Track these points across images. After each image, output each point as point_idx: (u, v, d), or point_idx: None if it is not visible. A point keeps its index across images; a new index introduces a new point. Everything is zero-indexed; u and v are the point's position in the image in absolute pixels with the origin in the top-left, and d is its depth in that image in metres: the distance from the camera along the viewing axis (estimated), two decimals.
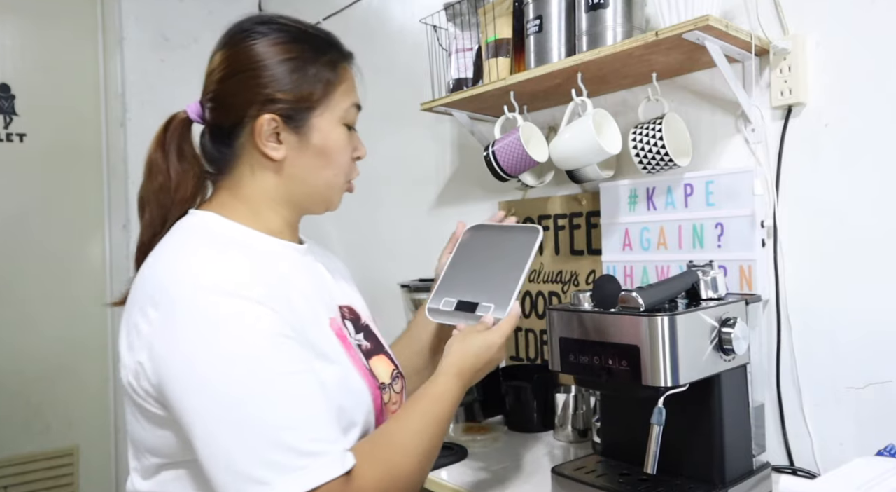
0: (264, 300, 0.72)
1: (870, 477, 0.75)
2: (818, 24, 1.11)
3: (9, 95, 2.39)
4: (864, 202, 1.07)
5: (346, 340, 0.85)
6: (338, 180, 0.88)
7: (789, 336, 1.15)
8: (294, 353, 0.73)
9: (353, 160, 0.90)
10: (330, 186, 0.88)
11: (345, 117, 0.87)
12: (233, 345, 0.69)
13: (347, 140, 0.87)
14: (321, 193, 0.88)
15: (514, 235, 0.92)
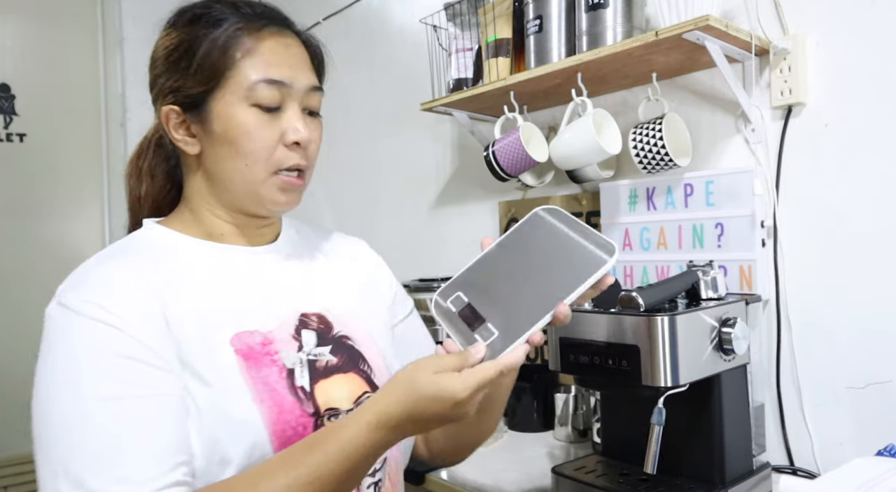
0: (110, 317, 0.65)
1: (870, 477, 0.75)
2: (818, 24, 1.11)
3: (9, 95, 2.39)
4: (863, 202, 1.07)
5: (258, 358, 0.72)
6: (254, 172, 0.73)
7: (789, 336, 1.15)
8: (130, 376, 0.64)
9: (288, 146, 0.74)
10: (246, 179, 0.74)
11: (251, 96, 0.72)
12: (58, 366, 0.64)
13: (260, 123, 0.72)
14: (242, 189, 0.75)
15: (583, 245, 0.67)
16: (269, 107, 0.73)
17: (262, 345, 0.73)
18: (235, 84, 0.72)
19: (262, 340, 0.74)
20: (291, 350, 0.75)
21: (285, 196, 0.76)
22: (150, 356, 0.65)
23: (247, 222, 0.79)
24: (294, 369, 0.74)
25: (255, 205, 0.76)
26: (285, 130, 0.73)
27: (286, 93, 0.73)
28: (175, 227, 0.78)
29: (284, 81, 0.73)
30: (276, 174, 0.74)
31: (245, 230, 0.80)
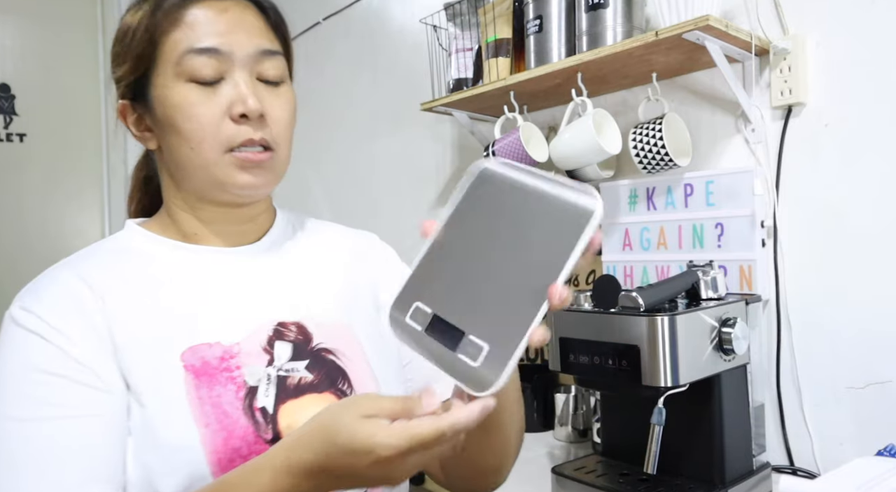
0: (47, 331, 0.60)
1: (870, 477, 0.75)
2: (818, 24, 1.11)
3: (9, 95, 2.39)
4: (863, 202, 1.07)
5: (211, 375, 0.64)
6: (203, 154, 0.65)
7: (789, 336, 1.15)
8: (56, 395, 0.58)
9: (235, 120, 0.65)
10: (197, 164, 0.66)
11: (183, 71, 0.64)
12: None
13: (198, 99, 0.64)
14: (198, 177, 0.67)
15: (556, 199, 0.48)
16: (207, 79, 0.65)
17: (221, 359, 0.65)
18: (165, 62, 0.65)
19: (222, 353, 0.65)
20: (259, 365, 0.66)
21: (247, 176, 0.67)
22: (83, 374, 0.59)
23: (223, 218, 0.72)
24: (258, 387, 0.65)
25: (219, 191, 0.68)
26: (232, 103, 0.65)
27: (225, 61, 0.65)
28: (154, 228, 0.73)
29: (218, 48, 0.65)
30: (230, 153, 0.66)
31: (222, 228, 0.72)
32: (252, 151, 0.66)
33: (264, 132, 0.66)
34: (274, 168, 0.69)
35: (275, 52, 0.69)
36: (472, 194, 0.52)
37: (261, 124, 0.66)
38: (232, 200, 0.70)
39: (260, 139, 0.66)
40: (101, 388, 0.60)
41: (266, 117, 0.67)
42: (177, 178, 0.70)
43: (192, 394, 0.62)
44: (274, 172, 0.70)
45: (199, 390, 0.63)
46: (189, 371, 0.63)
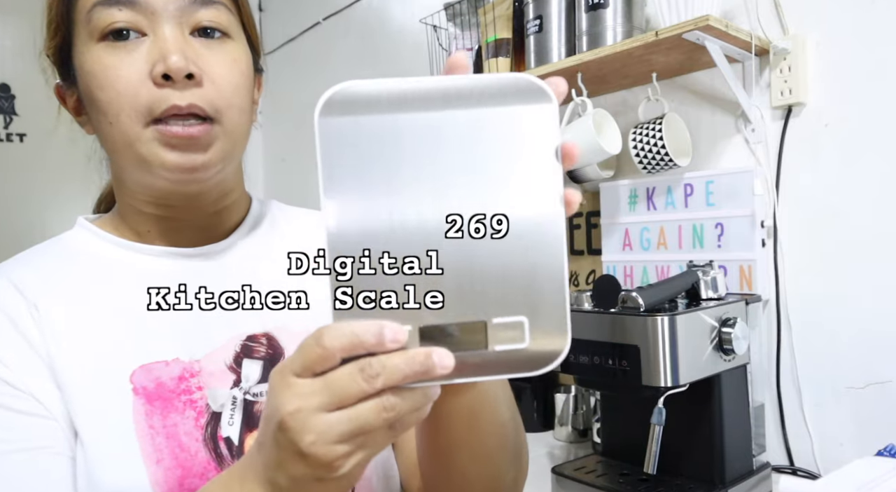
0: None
1: (870, 478, 0.75)
2: (818, 24, 1.11)
3: (9, 95, 2.39)
4: (863, 202, 1.07)
5: (166, 399, 0.54)
6: (122, 128, 0.53)
7: (789, 336, 1.15)
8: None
9: (158, 84, 0.52)
10: (118, 141, 0.54)
11: (93, 29, 0.53)
12: None
13: (111, 61, 0.52)
14: (123, 157, 0.55)
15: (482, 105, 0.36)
16: (120, 37, 0.52)
17: (180, 380, 0.55)
18: (78, 23, 0.54)
19: (180, 372, 0.55)
20: (224, 386, 0.56)
21: (176, 154, 0.53)
22: (21, 401, 0.50)
23: (177, 212, 0.59)
24: (221, 413, 0.55)
25: (148, 175, 0.55)
26: (153, 62, 0.52)
27: (144, 14, 0.52)
28: (106, 225, 0.62)
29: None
30: (154, 125, 0.52)
31: (178, 224, 0.60)
32: (181, 125, 0.52)
33: (196, 97, 0.52)
34: (216, 144, 0.54)
35: (212, 1, 0.55)
36: (338, 146, 0.35)
37: (193, 87, 0.52)
38: (168, 187, 0.56)
39: (188, 105, 0.52)
40: (43, 415, 0.50)
41: (202, 78, 0.53)
42: (114, 169, 0.59)
43: (141, 423, 0.52)
44: (218, 149, 0.55)
45: (150, 417, 0.52)
46: (139, 395, 0.53)
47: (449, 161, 0.35)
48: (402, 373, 0.34)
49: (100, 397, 0.52)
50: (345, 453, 0.35)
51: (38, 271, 0.57)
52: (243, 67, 0.57)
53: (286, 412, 0.35)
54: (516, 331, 0.35)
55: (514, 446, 0.59)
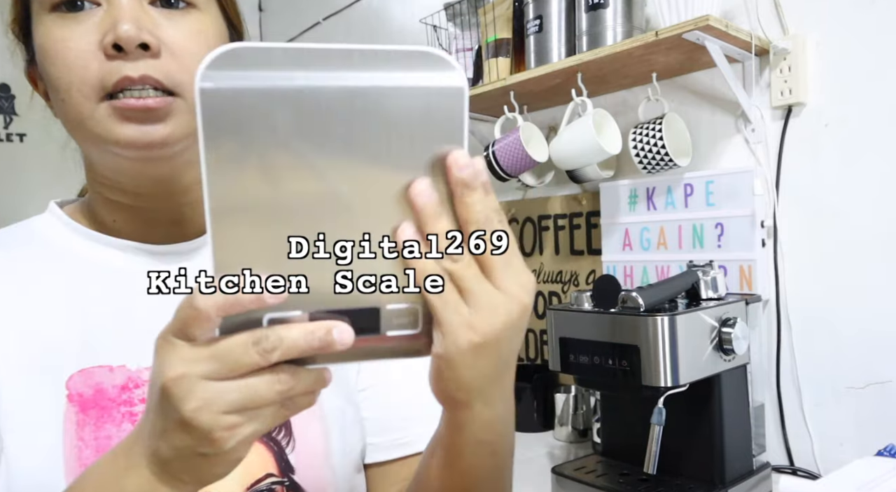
0: None
1: (870, 478, 0.75)
2: (818, 24, 1.11)
3: (9, 95, 2.39)
4: (864, 202, 1.07)
5: (104, 408, 0.49)
6: (72, 101, 0.49)
7: (789, 336, 1.15)
8: None
9: (109, 55, 0.48)
10: (71, 119, 0.50)
11: (47, 0, 0.49)
12: None
13: (62, 33, 0.48)
14: (77, 135, 0.52)
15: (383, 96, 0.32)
16: (74, 7, 0.48)
17: (123, 389, 0.49)
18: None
19: (125, 381, 0.50)
20: None
21: (132, 128, 0.48)
22: None
23: (144, 202, 0.54)
24: None
25: (107, 156, 0.51)
26: (105, 32, 0.48)
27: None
28: (74, 212, 0.58)
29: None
30: (107, 101, 0.48)
31: (146, 215, 0.55)
32: (136, 96, 0.48)
33: (151, 68, 0.48)
34: (176, 117, 0.50)
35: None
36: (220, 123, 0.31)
37: (149, 59, 0.48)
38: (128, 167, 0.51)
39: (141, 77, 0.47)
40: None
41: (160, 49, 0.48)
42: (80, 153, 0.55)
43: (70, 433, 0.47)
44: (180, 123, 0.50)
45: (81, 428, 0.47)
46: (74, 402, 0.48)
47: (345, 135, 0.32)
48: (299, 348, 0.32)
49: (30, 400, 0.47)
50: (230, 425, 0.32)
51: (13, 266, 0.53)
52: (210, 40, 0.52)
53: (168, 378, 0.32)
54: (410, 318, 0.35)
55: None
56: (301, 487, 0.53)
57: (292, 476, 0.53)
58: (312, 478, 0.53)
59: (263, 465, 0.52)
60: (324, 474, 0.54)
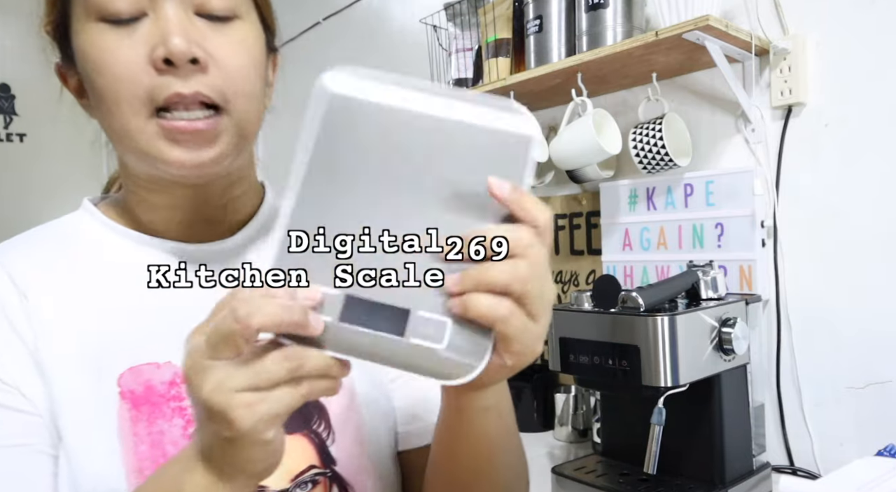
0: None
1: (870, 478, 0.75)
2: (818, 24, 1.11)
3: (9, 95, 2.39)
4: (864, 202, 1.07)
5: (155, 405, 0.51)
6: (121, 114, 0.49)
7: (789, 336, 1.15)
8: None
9: (159, 69, 0.48)
10: (117, 130, 0.50)
11: (91, 6, 0.48)
12: None
13: (111, 43, 0.48)
14: (123, 146, 0.52)
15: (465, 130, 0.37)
16: (122, 16, 0.48)
17: (171, 385, 0.51)
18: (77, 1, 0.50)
19: (172, 377, 0.51)
20: None
21: (180, 151, 0.49)
22: (6, 395, 0.48)
23: (181, 202, 0.55)
24: None
25: (151, 168, 0.51)
26: (154, 45, 0.47)
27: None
28: (110, 211, 0.58)
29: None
30: (157, 117, 0.48)
31: (183, 215, 0.56)
32: (186, 118, 0.48)
33: (202, 84, 0.48)
34: (224, 136, 0.50)
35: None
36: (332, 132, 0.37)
37: (197, 73, 0.48)
38: (165, 177, 0.52)
39: (193, 93, 0.48)
40: (28, 411, 0.48)
41: (209, 63, 0.49)
42: (117, 156, 0.56)
43: (126, 429, 0.49)
44: (226, 142, 0.51)
45: (135, 424, 0.49)
46: (126, 399, 0.50)
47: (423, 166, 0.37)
48: (275, 316, 0.33)
49: (85, 399, 0.49)
50: (244, 403, 0.34)
51: (31, 257, 0.54)
52: (253, 49, 0.52)
53: (185, 367, 0.36)
54: (437, 330, 0.35)
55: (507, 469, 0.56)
56: (343, 477, 0.54)
57: (334, 468, 0.54)
58: (353, 468, 0.55)
59: (306, 457, 0.53)
60: (363, 463, 0.56)
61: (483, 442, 0.49)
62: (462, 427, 0.48)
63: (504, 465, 0.54)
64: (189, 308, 0.50)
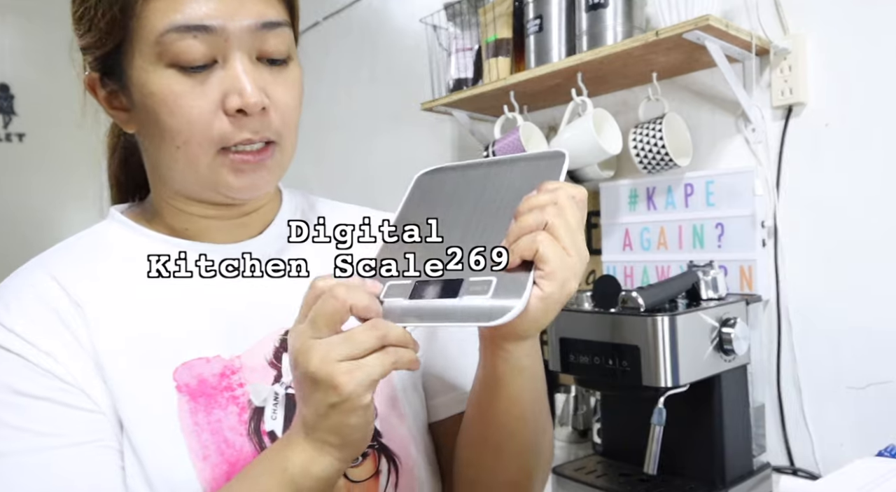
0: (17, 343, 0.51)
1: (870, 478, 0.75)
2: (818, 24, 1.10)
3: (9, 95, 2.39)
4: (864, 202, 1.06)
5: (210, 396, 0.54)
6: (191, 154, 0.54)
7: (789, 336, 1.14)
8: (31, 422, 0.49)
9: (231, 115, 0.53)
10: (182, 163, 0.54)
11: (163, 54, 0.51)
12: None
13: (183, 90, 0.52)
14: (184, 177, 0.56)
15: (516, 164, 0.53)
16: (193, 65, 0.51)
17: (221, 377, 0.55)
18: (141, 39, 0.52)
19: (221, 369, 0.55)
20: (265, 382, 0.56)
21: (243, 179, 0.55)
22: (71, 396, 0.50)
23: (215, 212, 0.60)
24: (264, 408, 0.55)
25: (209, 192, 0.57)
26: (226, 93, 0.52)
27: (217, 41, 0.51)
28: (138, 218, 0.62)
29: (208, 26, 0.50)
30: (224, 153, 0.54)
31: (216, 222, 0.61)
32: (251, 151, 0.54)
33: (265, 127, 0.54)
34: (276, 164, 0.57)
35: (279, 24, 0.54)
36: (420, 189, 0.59)
37: (262, 118, 0.54)
38: (227, 201, 0.59)
39: (260, 138, 0.54)
40: (92, 409, 0.51)
41: (269, 107, 0.54)
42: (160, 170, 0.59)
43: (186, 420, 0.53)
44: (277, 169, 0.58)
45: (195, 414, 0.53)
46: (183, 392, 0.53)
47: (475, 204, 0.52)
48: (362, 299, 0.44)
49: (144, 395, 0.53)
50: (346, 371, 0.42)
51: (76, 265, 0.57)
52: (300, 89, 0.58)
53: (294, 350, 0.44)
54: (483, 286, 0.44)
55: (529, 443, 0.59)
56: (389, 448, 0.60)
57: (380, 440, 0.60)
58: (396, 439, 0.60)
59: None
60: (403, 434, 0.61)
61: (517, 404, 0.54)
62: (499, 388, 0.54)
63: (534, 427, 0.58)
64: (227, 307, 0.58)
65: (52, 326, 0.52)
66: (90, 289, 0.55)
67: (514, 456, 0.58)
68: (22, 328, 0.51)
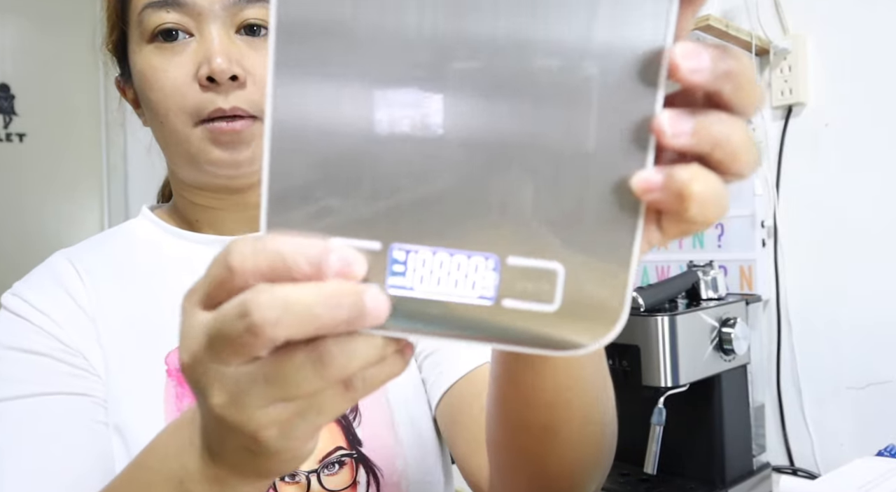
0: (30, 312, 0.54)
1: (870, 478, 0.75)
2: (818, 24, 1.11)
3: (9, 95, 2.39)
4: (864, 202, 1.07)
5: None
6: (170, 125, 0.54)
7: (789, 336, 1.15)
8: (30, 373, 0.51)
9: (203, 86, 0.52)
10: (168, 139, 0.56)
11: (144, 30, 0.54)
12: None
13: (161, 63, 0.53)
14: (173, 152, 0.58)
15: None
16: (169, 39, 0.53)
17: None
18: (132, 22, 0.55)
19: None
20: None
21: (221, 151, 0.54)
22: (70, 355, 0.53)
23: (223, 203, 0.60)
24: None
25: (195, 170, 0.57)
26: (199, 64, 0.53)
27: (191, 14, 0.53)
28: (163, 215, 0.65)
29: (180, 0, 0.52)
30: (202, 124, 0.54)
31: (223, 214, 0.61)
32: (226, 121, 0.53)
33: (240, 99, 0.53)
34: (258, 140, 0.55)
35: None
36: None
37: (237, 89, 0.53)
38: (213, 181, 0.57)
39: (232, 108, 0.53)
40: (89, 370, 0.53)
41: (248, 77, 0.53)
42: (167, 161, 0.61)
43: (171, 405, 0.52)
44: (259, 145, 0.55)
45: (180, 400, 0.53)
46: (172, 377, 0.54)
47: None
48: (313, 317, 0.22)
49: (135, 375, 0.53)
50: (273, 421, 0.25)
51: (95, 251, 0.61)
52: None
53: (184, 357, 0.26)
54: (542, 284, 0.22)
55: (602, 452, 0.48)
56: (369, 458, 0.55)
57: (360, 449, 0.55)
58: (379, 449, 0.55)
59: (333, 439, 0.54)
60: (390, 443, 0.56)
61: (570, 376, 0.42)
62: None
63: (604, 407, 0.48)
64: None
65: (60, 298, 0.55)
66: (96, 263, 0.58)
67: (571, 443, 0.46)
68: (33, 298, 0.54)
